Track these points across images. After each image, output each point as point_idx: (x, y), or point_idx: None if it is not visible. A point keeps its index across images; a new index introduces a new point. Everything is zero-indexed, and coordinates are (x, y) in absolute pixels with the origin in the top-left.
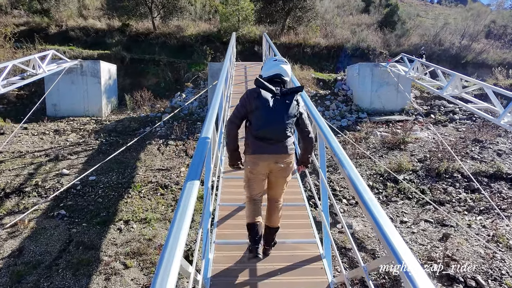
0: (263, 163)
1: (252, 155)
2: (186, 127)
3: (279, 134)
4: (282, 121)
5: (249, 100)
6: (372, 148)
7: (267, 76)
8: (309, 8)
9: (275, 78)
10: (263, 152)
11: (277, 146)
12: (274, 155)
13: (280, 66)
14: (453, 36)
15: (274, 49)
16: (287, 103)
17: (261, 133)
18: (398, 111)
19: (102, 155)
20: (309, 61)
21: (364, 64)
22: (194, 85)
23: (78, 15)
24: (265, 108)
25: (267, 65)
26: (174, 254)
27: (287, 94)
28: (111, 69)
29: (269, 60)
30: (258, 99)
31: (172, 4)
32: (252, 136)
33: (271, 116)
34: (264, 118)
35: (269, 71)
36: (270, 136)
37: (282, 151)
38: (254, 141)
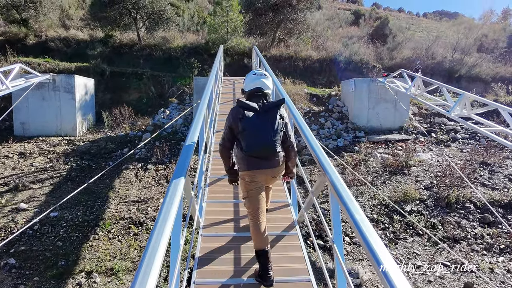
0: (261, 176)
1: (248, 171)
2: (168, 148)
3: (269, 152)
4: (270, 139)
5: (234, 122)
6: (373, 173)
7: (249, 90)
8: (300, 20)
9: (256, 92)
10: (258, 168)
11: (270, 161)
12: (270, 170)
13: (261, 80)
14: (445, 49)
15: (265, 64)
16: (271, 120)
17: (253, 153)
18: (396, 129)
19: (70, 183)
20: (301, 75)
21: (360, 79)
22: (179, 100)
23: (60, 25)
24: (251, 128)
25: (248, 79)
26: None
27: (270, 109)
28: (87, 84)
29: (249, 75)
30: (243, 120)
31: (158, 14)
32: (244, 154)
33: (259, 136)
34: (252, 139)
35: (249, 85)
36: (262, 155)
37: (276, 164)
38: (247, 159)
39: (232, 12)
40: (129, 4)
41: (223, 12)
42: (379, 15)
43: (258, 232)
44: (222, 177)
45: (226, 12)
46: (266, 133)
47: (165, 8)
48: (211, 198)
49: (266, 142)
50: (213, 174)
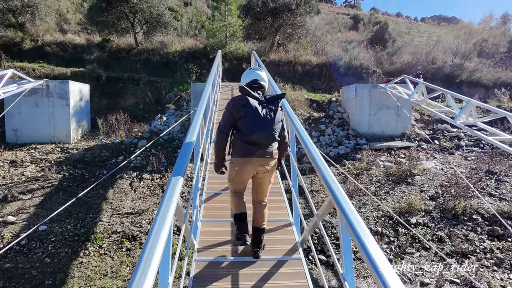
0: (250, 165)
1: (240, 158)
2: (165, 156)
3: (268, 139)
4: (271, 127)
5: (236, 108)
6: (375, 182)
7: (246, 83)
8: (299, 25)
9: (253, 84)
10: (251, 156)
11: (264, 151)
12: (261, 159)
13: (256, 72)
14: (445, 54)
15: (264, 69)
16: (274, 109)
17: (251, 139)
18: (398, 136)
19: (62, 194)
20: (300, 80)
21: (361, 85)
22: (176, 106)
23: (57, 30)
24: (254, 115)
25: (244, 75)
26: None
27: (272, 100)
28: (82, 90)
29: (245, 72)
30: (246, 106)
31: (156, 19)
32: (240, 140)
33: (261, 122)
34: (254, 124)
35: (246, 78)
36: (260, 141)
37: (268, 155)
38: (243, 145)
39: (230, 16)
40: (126, 8)
41: (222, 16)
42: (378, 19)
43: (237, 199)
44: (220, 192)
45: (224, 17)
46: (267, 121)
47: (163, 13)
48: (207, 217)
49: (267, 129)
50: (209, 189)
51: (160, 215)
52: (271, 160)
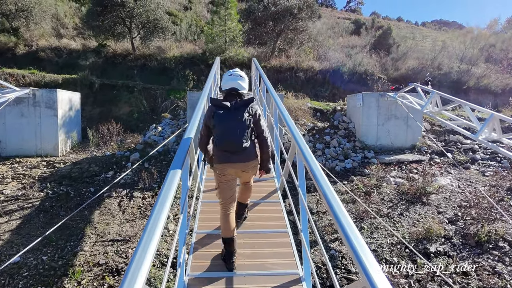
0: (231, 170)
1: (219, 164)
2: (158, 171)
3: (236, 146)
4: (237, 134)
5: (208, 119)
6: (387, 201)
7: (225, 89)
8: (301, 29)
9: (232, 92)
10: (228, 161)
11: (241, 156)
12: (240, 164)
13: (236, 81)
14: (451, 60)
15: (265, 79)
16: (238, 118)
17: (222, 147)
18: (408, 148)
19: (43, 216)
20: (303, 87)
21: (368, 94)
22: (172, 115)
23: (54, 34)
24: (221, 124)
25: (225, 78)
26: None
27: (239, 107)
28: (73, 98)
29: (226, 74)
30: (214, 117)
31: (153, 23)
32: (216, 148)
33: (226, 131)
34: (221, 133)
35: (226, 84)
36: (230, 149)
37: (247, 159)
38: (219, 152)
39: (230, 21)
40: (122, 12)
41: (221, 21)
42: (380, 24)
43: (227, 221)
44: (214, 232)
45: (224, 21)
46: (233, 129)
47: (161, 17)
48: (197, 270)
49: (233, 137)
50: (202, 228)
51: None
52: (251, 163)
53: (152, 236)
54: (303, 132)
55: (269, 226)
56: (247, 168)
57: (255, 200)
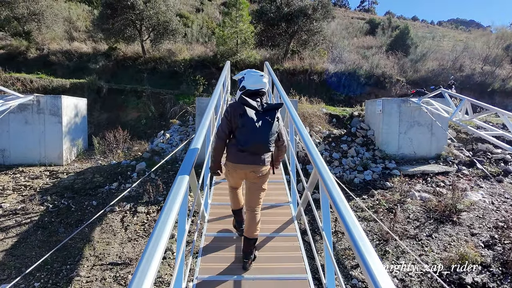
0: (241, 171)
1: (232, 163)
2: (164, 182)
3: (262, 150)
4: (266, 138)
5: (234, 117)
6: (413, 220)
7: (253, 89)
8: (316, 31)
9: (257, 92)
10: (242, 162)
11: (255, 158)
12: (251, 166)
13: (263, 81)
14: (473, 61)
15: (278, 85)
16: (270, 121)
17: (246, 148)
18: (433, 158)
19: (41, 233)
20: (317, 90)
21: (389, 99)
22: (181, 121)
23: (67, 38)
24: (250, 126)
25: (250, 78)
26: None
27: (269, 110)
28: (78, 104)
29: (249, 72)
30: (243, 117)
31: (163, 26)
32: (235, 147)
33: (256, 134)
34: (249, 135)
35: (253, 85)
36: (254, 151)
37: (259, 162)
38: (236, 153)
39: (242, 22)
40: (132, 15)
41: (233, 22)
42: (396, 24)
43: (234, 197)
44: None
45: (235, 23)
46: (263, 132)
47: (171, 19)
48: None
49: (262, 140)
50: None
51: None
52: (262, 167)
53: (150, 263)
54: (318, 140)
55: (284, 270)
56: (257, 170)
57: (268, 233)
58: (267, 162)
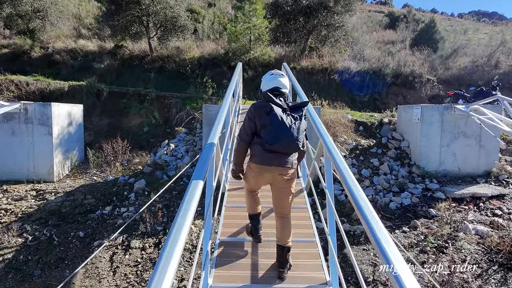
0: (268, 174)
1: (258, 164)
2: (165, 206)
3: (292, 149)
4: (296, 136)
5: (259, 117)
6: (472, 264)
7: (267, 89)
8: (337, 25)
9: (275, 91)
10: (269, 164)
11: (283, 160)
12: (280, 168)
13: (278, 79)
14: (508, 57)
15: (298, 90)
16: (298, 118)
17: (275, 148)
18: (481, 175)
19: (12, 276)
20: (338, 91)
21: (429, 106)
22: (187, 129)
23: (74, 35)
24: (279, 124)
25: (265, 79)
26: None
27: (296, 109)
28: (72, 112)
29: (266, 75)
30: (270, 114)
31: (171, 22)
32: (261, 147)
33: (287, 132)
34: (278, 133)
35: (268, 84)
36: (283, 151)
37: (287, 164)
38: (263, 153)
39: (255, 17)
40: (138, 10)
41: (246, 17)
42: (417, 17)
43: (252, 201)
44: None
45: (249, 18)
46: (293, 131)
47: (179, 15)
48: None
49: (292, 138)
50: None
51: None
52: (290, 170)
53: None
54: (344, 153)
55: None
56: (285, 173)
57: None
58: (295, 164)
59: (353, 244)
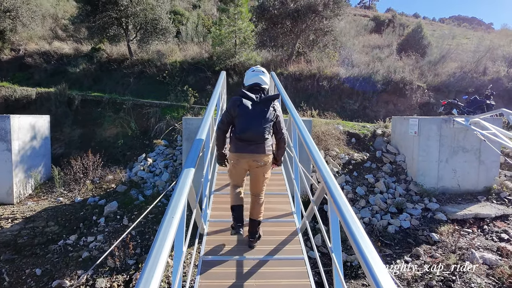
0: (243, 160)
1: (234, 153)
2: (140, 233)
3: (258, 136)
4: (260, 125)
5: (233, 108)
6: None
7: (248, 84)
8: (326, 30)
9: (255, 87)
10: (242, 151)
11: (255, 147)
12: (252, 154)
13: (259, 76)
14: (496, 63)
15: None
16: (264, 109)
17: (243, 136)
18: (481, 192)
19: None
20: (327, 98)
21: (427, 119)
22: (167, 141)
23: (51, 37)
24: (246, 114)
25: (247, 75)
26: None
27: (265, 101)
28: (37, 124)
29: (249, 71)
30: (240, 106)
31: (152, 24)
32: (235, 137)
33: (251, 121)
34: (245, 123)
35: (249, 80)
36: (250, 138)
37: (259, 151)
38: (236, 142)
39: (241, 20)
40: (116, 11)
41: (231, 20)
42: (402, 21)
43: (234, 192)
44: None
45: (234, 21)
46: (257, 120)
47: (160, 17)
48: None
49: (256, 127)
50: None
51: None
52: (264, 157)
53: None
54: (336, 169)
55: None
56: (260, 159)
57: None
58: (268, 151)
59: (350, 277)
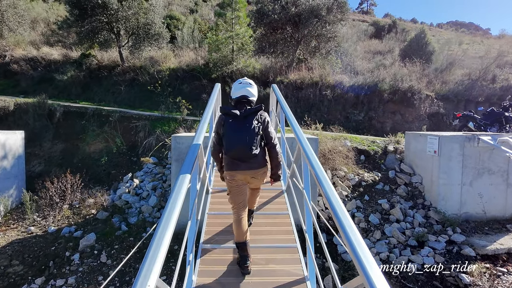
0: (240, 176)
1: (229, 171)
2: (119, 274)
3: (245, 153)
4: (245, 142)
5: (218, 127)
6: None
7: (235, 97)
8: (329, 36)
9: (242, 99)
10: (237, 169)
11: (250, 163)
12: (250, 171)
13: (246, 88)
14: (504, 70)
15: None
16: (247, 125)
17: (231, 154)
18: (509, 219)
19: None
20: (330, 108)
21: (448, 137)
22: (156, 158)
23: (43, 42)
24: (230, 132)
25: (234, 87)
26: None
27: (248, 114)
28: (8, 142)
29: (235, 83)
30: (224, 125)
31: (144, 29)
32: (225, 155)
33: (236, 139)
34: (230, 141)
35: (236, 92)
36: (239, 156)
37: (255, 167)
38: (228, 160)
39: (238, 25)
40: (106, 16)
41: (228, 25)
42: (401, 26)
43: (239, 226)
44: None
45: (231, 26)
46: (242, 137)
47: (153, 22)
48: None
49: (242, 145)
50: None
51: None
52: (260, 170)
53: None
54: (346, 192)
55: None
56: (257, 175)
57: None
58: (263, 164)
59: None
